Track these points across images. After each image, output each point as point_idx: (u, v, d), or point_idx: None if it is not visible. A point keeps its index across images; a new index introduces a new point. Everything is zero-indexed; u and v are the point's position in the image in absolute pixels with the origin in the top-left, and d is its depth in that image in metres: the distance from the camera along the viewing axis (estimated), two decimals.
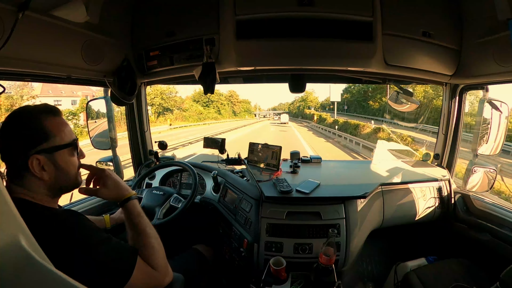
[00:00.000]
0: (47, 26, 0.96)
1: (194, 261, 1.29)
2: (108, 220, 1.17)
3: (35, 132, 0.65)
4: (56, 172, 0.67)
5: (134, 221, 0.78)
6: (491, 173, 1.50)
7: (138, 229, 0.76)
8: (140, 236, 0.75)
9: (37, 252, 0.39)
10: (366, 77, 1.58)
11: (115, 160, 1.69)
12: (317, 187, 1.30)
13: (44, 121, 0.66)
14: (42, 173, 0.65)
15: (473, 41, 1.25)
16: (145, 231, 0.77)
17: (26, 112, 0.68)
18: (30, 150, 0.63)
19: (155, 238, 0.78)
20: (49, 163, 0.66)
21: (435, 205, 1.56)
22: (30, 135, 0.65)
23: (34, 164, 0.63)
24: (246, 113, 77.96)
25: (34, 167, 0.63)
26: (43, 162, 0.65)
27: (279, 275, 1.07)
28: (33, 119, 0.66)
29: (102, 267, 0.63)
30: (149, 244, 0.74)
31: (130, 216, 0.79)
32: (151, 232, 0.78)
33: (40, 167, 0.65)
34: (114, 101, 1.53)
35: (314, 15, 1.12)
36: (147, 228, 0.78)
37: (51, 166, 0.66)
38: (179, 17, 1.33)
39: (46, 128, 0.66)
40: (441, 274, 1.27)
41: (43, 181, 0.66)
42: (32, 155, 0.63)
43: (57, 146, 0.67)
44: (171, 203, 1.41)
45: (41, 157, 0.64)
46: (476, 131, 1.49)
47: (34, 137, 0.65)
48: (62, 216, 0.67)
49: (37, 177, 0.65)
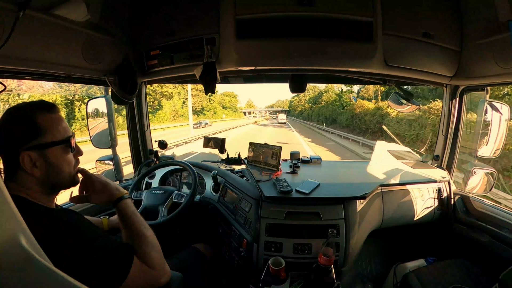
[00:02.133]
0: (47, 25, 0.96)
1: (194, 260, 1.29)
2: (106, 223, 1.14)
3: (26, 128, 0.65)
4: (48, 169, 0.67)
5: (128, 221, 0.78)
6: (491, 175, 1.50)
7: (133, 229, 0.76)
8: (135, 235, 0.75)
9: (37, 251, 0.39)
10: (366, 77, 1.58)
11: (115, 159, 1.69)
12: (316, 187, 1.30)
13: (37, 118, 0.66)
14: (33, 170, 0.65)
15: (474, 42, 1.25)
16: (140, 231, 0.76)
17: (20, 109, 0.68)
18: (22, 146, 0.63)
19: (151, 237, 0.77)
20: (40, 159, 0.66)
21: (435, 206, 1.56)
22: (21, 131, 0.65)
23: (26, 160, 0.63)
24: (229, 110, 57.09)
25: (25, 163, 0.64)
26: (34, 159, 0.65)
27: (278, 275, 1.07)
28: (26, 116, 0.66)
29: (98, 264, 0.62)
30: (145, 243, 0.74)
31: (124, 216, 0.79)
32: (146, 231, 0.78)
33: (32, 164, 0.64)
34: (115, 100, 1.53)
35: (314, 15, 1.12)
36: (142, 227, 0.78)
37: (43, 162, 0.66)
38: (179, 16, 1.33)
39: (39, 124, 0.66)
40: (440, 275, 1.27)
41: (35, 178, 0.66)
42: (23, 152, 0.63)
43: (49, 143, 0.67)
44: (174, 200, 1.41)
45: (33, 153, 0.64)
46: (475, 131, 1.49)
47: (25, 133, 0.65)
48: (57, 213, 0.67)
49: (29, 174, 0.65)
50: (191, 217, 1.59)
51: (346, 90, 28.19)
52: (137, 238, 0.75)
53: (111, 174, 1.69)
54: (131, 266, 0.67)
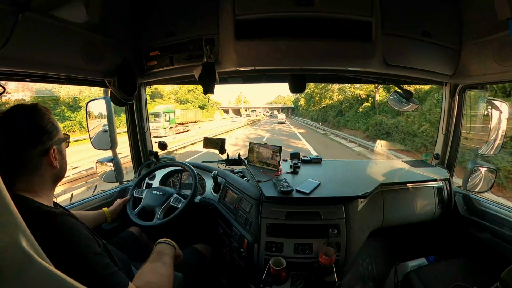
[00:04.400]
0: (47, 27, 0.97)
1: (194, 260, 1.29)
2: (108, 214, 1.26)
3: (51, 124, 0.73)
4: (62, 161, 0.77)
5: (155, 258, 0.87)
6: (491, 173, 1.50)
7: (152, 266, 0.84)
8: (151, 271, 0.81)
9: (37, 252, 0.39)
10: (366, 77, 1.58)
11: (115, 160, 1.69)
12: (317, 187, 1.30)
13: (50, 117, 0.75)
14: (56, 162, 0.73)
15: (473, 41, 1.25)
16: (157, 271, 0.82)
17: (38, 108, 0.73)
18: (52, 140, 0.72)
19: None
20: (58, 152, 0.75)
21: (435, 205, 1.55)
22: (49, 127, 0.73)
23: (54, 153, 0.72)
24: (188, 105, 31.23)
25: (53, 155, 0.72)
26: (56, 152, 0.73)
27: (279, 275, 1.07)
28: (45, 114, 0.73)
29: (92, 275, 0.60)
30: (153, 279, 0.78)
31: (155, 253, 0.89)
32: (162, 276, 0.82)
33: (54, 157, 0.72)
34: (114, 102, 1.53)
35: (314, 15, 1.12)
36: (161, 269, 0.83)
37: (60, 155, 0.75)
38: (178, 17, 1.33)
39: (55, 122, 0.75)
40: (441, 274, 1.27)
41: (53, 170, 0.73)
42: (51, 147, 0.71)
43: (63, 138, 0.77)
44: (171, 204, 1.41)
45: (56, 147, 0.73)
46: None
47: (52, 129, 0.73)
48: (59, 219, 0.65)
49: (51, 167, 0.72)
50: (192, 217, 1.59)
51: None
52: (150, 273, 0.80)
53: (111, 175, 1.70)
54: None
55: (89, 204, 1.46)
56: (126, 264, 0.98)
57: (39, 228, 0.56)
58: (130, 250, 1.16)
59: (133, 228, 1.40)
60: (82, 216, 1.13)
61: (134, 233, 1.37)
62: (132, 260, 1.06)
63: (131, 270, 0.99)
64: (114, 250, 0.89)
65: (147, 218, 1.37)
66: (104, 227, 1.31)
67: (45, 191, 0.72)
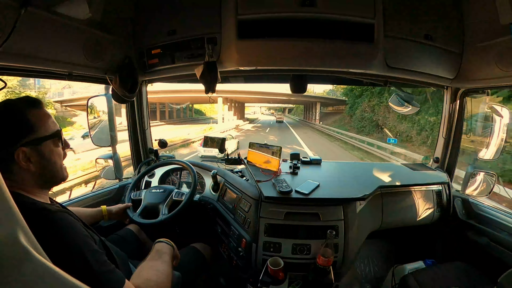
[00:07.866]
0: (49, 23, 0.96)
1: (192, 259, 1.29)
2: (105, 212, 1.20)
3: (20, 125, 0.66)
4: (43, 163, 0.69)
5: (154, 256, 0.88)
6: (491, 178, 1.50)
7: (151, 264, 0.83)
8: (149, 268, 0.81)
9: (35, 247, 0.39)
10: (367, 79, 1.58)
11: (115, 157, 1.69)
12: (316, 188, 1.30)
13: (28, 114, 0.67)
14: (29, 165, 0.66)
15: (475, 45, 1.25)
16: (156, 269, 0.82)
17: (9, 105, 0.67)
18: (16, 143, 0.64)
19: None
20: (35, 154, 0.67)
21: (434, 209, 1.55)
22: (15, 128, 0.65)
23: (20, 156, 0.64)
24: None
25: (20, 159, 0.64)
26: (29, 154, 0.66)
27: (277, 275, 1.07)
28: (17, 112, 0.67)
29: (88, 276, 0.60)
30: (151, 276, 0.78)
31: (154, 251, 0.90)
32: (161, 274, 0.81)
33: (26, 159, 0.65)
34: (115, 99, 1.53)
35: (316, 16, 1.12)
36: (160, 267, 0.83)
37: (37, 157, 0.67)
38: (181, 15, 1.33)
39: (31, 121, 0.67)
40: (439, 278, 1.27)
41: (30, 173, 0.67)
42: (18, 148, 0.64)
43: (43, 138, 0.68)
44: (174, 198, 1.41)
45: (27, 149, 0.65)
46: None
47: (19, 130, 0.66)
48: (55, 216, 0.65)
49: (24, 169, 0.66)
50: (190, 216, 1.59)
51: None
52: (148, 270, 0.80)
53: (110, 172, 1.70)
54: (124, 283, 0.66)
55: (88, 201, 1.46)
56: (124, 261, 0.99)
57: (35, 225, 0.56)
58: (128, 248, 1.16)
59: (131, 225, 1.40)
60: (80, 213, 1.11)
61: (133, 230, 1.37)
62: (130, 257, 1.06)
63: (129, 268, 0.99)
64: (113, 247, 0.89)
65: (150, 217, 1.35)
66: (102, 224, 1.31)
67: (35, 190, 0.69)
